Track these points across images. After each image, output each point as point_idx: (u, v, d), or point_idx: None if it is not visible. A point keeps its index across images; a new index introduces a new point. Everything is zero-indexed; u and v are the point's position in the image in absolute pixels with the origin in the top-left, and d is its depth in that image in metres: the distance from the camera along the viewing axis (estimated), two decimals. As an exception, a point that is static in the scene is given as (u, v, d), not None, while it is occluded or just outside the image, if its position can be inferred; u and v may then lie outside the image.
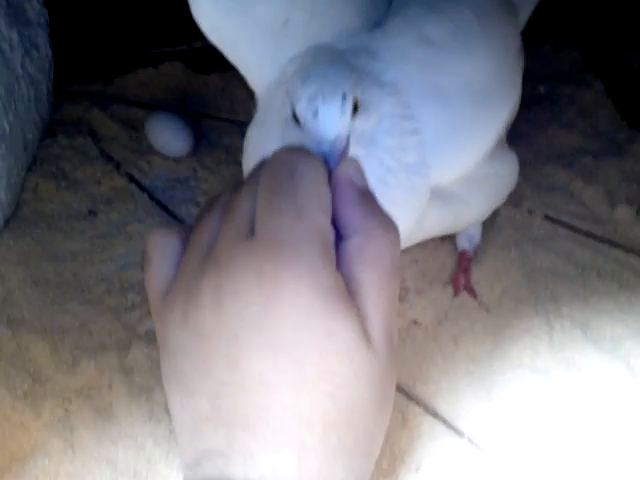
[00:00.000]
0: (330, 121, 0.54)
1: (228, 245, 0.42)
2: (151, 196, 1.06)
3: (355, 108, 0.57)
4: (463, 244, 0.88)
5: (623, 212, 0.93)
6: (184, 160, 1.12)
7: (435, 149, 0.69)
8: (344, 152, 0.52)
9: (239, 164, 1.09)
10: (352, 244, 0.42)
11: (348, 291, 0.41)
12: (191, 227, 0.47)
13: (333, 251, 0.42)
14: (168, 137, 1.12)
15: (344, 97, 0.55)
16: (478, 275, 0.87)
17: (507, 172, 0.82)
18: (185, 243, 0.47)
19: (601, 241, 0.91)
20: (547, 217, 0.94)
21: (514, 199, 0.96)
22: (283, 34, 0.74)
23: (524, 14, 0.88)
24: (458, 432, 0.72)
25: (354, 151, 0.55)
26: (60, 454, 0.73)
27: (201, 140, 1.14)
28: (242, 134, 1.16)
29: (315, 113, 0.54)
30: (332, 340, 0.40)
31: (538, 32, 1.22)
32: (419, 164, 0.68)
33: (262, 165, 0.45)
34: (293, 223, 0.41)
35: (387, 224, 0.43)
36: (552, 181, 0.99)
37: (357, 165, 0.47)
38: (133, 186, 1.08)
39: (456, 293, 0.85)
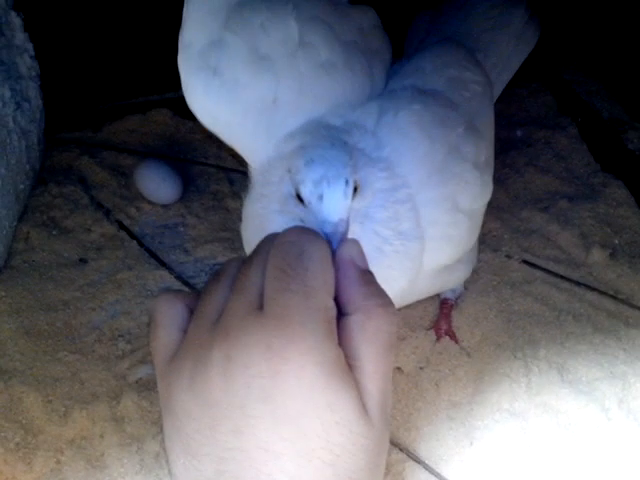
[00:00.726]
0: (334, 205, 0.58)
1: (238, 317, 0.44)
2: (140, 243, 1.08)
3: (355, 190, 0.61)
4: (446, 293, 0.91)
5: (597, 255, 0.97)
6: (173, 207, 1.14)
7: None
8: (345, 232, 0.56)
9: (226, 210, 1.14)
10: (353, 321, 0.45)
11: (348, 365, 0.44)
12: (196, 294, 0.50)
13: (335, 328, 0.45)
14: (157, 184, 1.14)
15: (347, 182, 0.60)
16: (458, 320, 0.90)
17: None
18: (189, 309, 0.49)
19: (577, 284, 0.94)
20: (525, 261, 0.97)
21: (493, 244, 0.99)
22: (274, 111, 0.77)
23: (497, 90, 0.95)
24: (440, 477, 0.74)
25: (351, 227, 0.59)
26: (53, 506, 0.75)
27: (189, 186, 1.17)
28: (229, 180, 1.21)
29: (320, 197, 0.58)
30: (334, 413, 0.42)
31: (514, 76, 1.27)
32: (412, 229, 0.71)
33: (269, 240, 0.48)
34: (301, 302, 0.43)
35: (386, 303, 0.46)
36: (529, 225, 1.03)
37: (358, 246, 0.50)
38: (123, 233, 1.10)
39: (438, 339, 0.88)
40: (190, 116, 1.29)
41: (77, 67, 1.26)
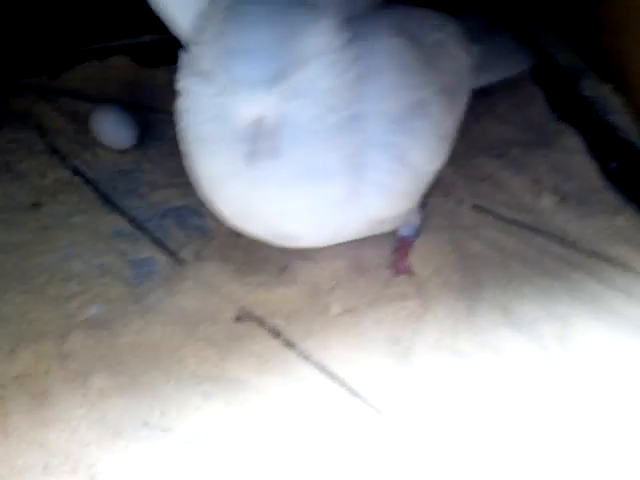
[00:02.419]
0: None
1: None
2: (95, 188, 1.08)
3: None
4: (403, 230, 0.92)
5: (547, 201, 0.98)
6: (129, 153, 1.14)
7: None
8: None
9: (183, 157, 1.13)
10: None
11: None
12: None
13: None
14: (112, 129, 1.14)
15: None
16: (414, 251, 0.91)
17: None
18: None
19: (526, 228, 0.94)
20: (476, 206, 0.98)
21: (445, 189, 1.00)
22: None
23: None
24: (378, 411, 0.75)
25: None
26: (-7, 438, 0.75)
27: (147, 133, 1.16)
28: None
29: None
30: None
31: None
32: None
33: None
34: None
35: None
36: (482, 171, 1.03)
37: None
38: (78, 178, 1.10)
39: (395, 275, 0.90)
40: (150, 63, 1.30)
41: (35, 13, 1.24)
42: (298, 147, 0.68)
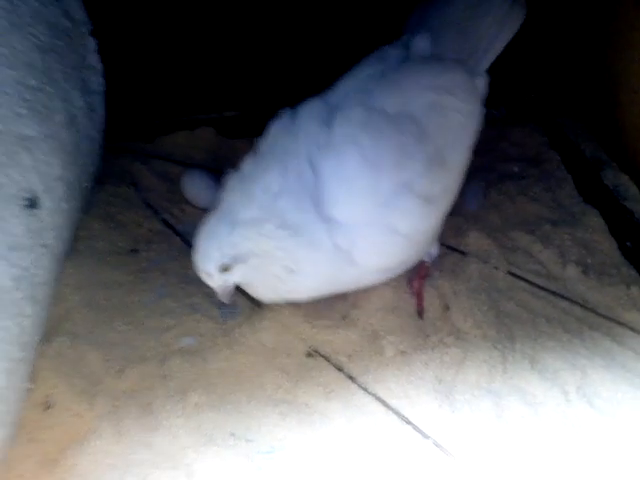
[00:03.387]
0: (212, 284, 0.97)
1: None
2: (183, 239, 1.27)
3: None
4: (423, 257, 1.09)
5: (572, 271, 1.14)
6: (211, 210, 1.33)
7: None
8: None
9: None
10: None
11: None
12: None
13: None
14: (199, 190, 1.33)
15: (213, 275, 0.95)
16: (456, 308, 1.08)
17: None
18: None
19: (552, 294, 1.11)
20: (510, 272, 1.14)
21: (484, 257, 1.17)
22: None
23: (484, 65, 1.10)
24: (425, 435, 0.91)
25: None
26: (110, 437, 0.92)
27: (227, 194, 1.35)
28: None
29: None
30: None
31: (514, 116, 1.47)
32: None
33: None
34: None
35: None
36: (516, 243, 1.20)
37: None
38: (168, 230, 1.29)
39: (410, 291, 1.09)
40: (231, 135, 1.51)
41: (136, 86, 1.47)
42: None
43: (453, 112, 1.00)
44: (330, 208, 0.91)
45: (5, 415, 0.87)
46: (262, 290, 0.98)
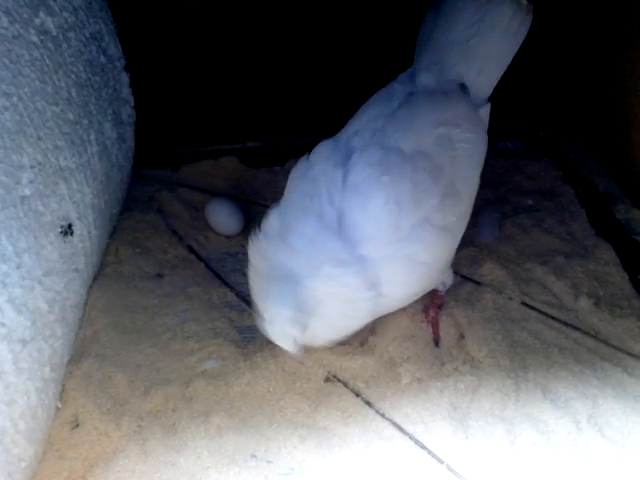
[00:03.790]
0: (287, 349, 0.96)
1: None
2: (207, 265, 1.31)
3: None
4: (437, 286, 1.14)
5: (584, 303, 1.17)
6: (235, 238, 1.38)
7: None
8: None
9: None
10: None
11: None
12: None
13: None
14: (223, 218, 1.38)
15: (294, 340, 0.95)
16: (471, 337, 1.11)
17: None
18: None
19: (565, 324, 1.13)
20: (524, 303, 1.17)
21: (498, 287, 1.20)
22: None
23: (493, 81, 1.14)
24: (439, 460, 0.94)
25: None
26: (136, 457, 0.96)
27: (250, 222, 1.39)
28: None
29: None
30: None
31: (530, 151, 1.51)
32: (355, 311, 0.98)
33: None
34: None
35: None
36: (530, 275, 1.23)
37: None
38: (192, 256, 1.33)
39: (426, 319, 1.13)
40: (253, 165, 1.56)
41: (163, 117, 1.53)
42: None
43: (461, 143, 1.05)
44: (359, 246, 0.94)
45: (36, 432, 0.91)
46: (325, 333, 0.99)
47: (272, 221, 0.99)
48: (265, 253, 0.96)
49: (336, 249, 0.93)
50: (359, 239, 0.94)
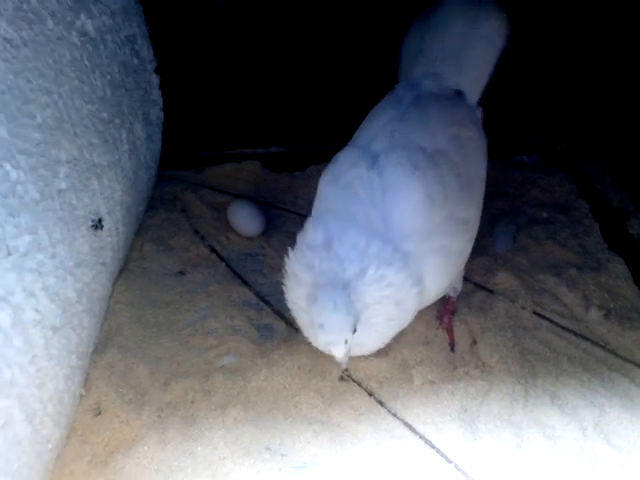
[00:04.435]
0: (338, 354, 0.95)
1: None
2: (227, 265, 1.35)
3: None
4: (449, 292, 1.17)
5: (594, 314, 1.19)
6: (255, 239, 1.41)
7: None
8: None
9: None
10: None
11: None
12: None
13: None
14: (244, 220, 1.42)
15: (346, 342, 0.93)
16: (483, 343, 1.14)
17: None
18: None
19: (575, 334, 1.16)
20: (535, 312, 1.20)
21: (511, 296, 1.23)
22: None
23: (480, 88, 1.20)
24: (447, 459, 0.97)
25: None
26: (155, 445, 0.99)
27: (270, 224, 1.44)
28: (302, 223, 1.47)
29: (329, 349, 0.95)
30: None
31: (546, 165, 1.54)
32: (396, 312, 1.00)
33: None
34: None
35: None
36: (542, 285, 1.26)
37: None
38: (214, 255, 1.37)
39: (440, 326, 1.16)
40: (275, 169, 1.60)
41: (189, 120, 1.57)
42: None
43: (468, 141, 1.11)
44: (403, 243, 0.97)
45: (62, 416, 0.95)
46: (369, 340, 1.01)
47: (314, 232, 1.01)
48: (310, 262, 0.98)
49: (379, 251, 0.95)
50: (402, 236, 0.98)
